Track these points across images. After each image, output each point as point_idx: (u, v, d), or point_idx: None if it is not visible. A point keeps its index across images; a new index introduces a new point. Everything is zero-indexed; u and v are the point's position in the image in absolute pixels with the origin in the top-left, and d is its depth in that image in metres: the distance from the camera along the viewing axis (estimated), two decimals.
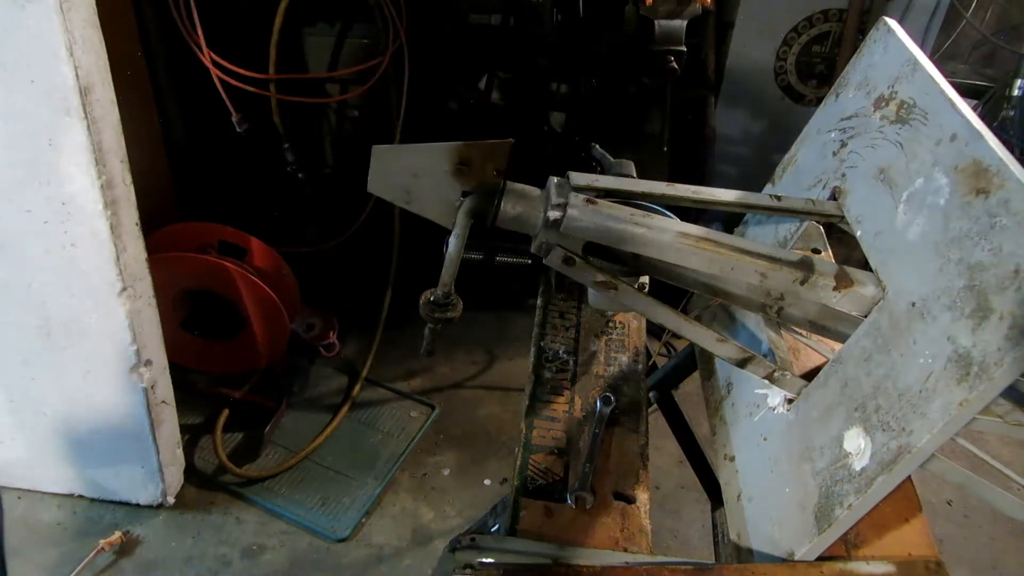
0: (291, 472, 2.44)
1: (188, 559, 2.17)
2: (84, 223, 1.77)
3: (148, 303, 1.97)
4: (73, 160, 1.69)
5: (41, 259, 1.83)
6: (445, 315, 0.93)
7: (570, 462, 1.13)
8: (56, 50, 1.57)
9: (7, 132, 1.67)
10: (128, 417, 2.07)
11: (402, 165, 0.89)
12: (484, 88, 2.80)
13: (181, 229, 2.51)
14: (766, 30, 2.71)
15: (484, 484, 2.48)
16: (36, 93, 1.61)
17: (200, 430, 2.52)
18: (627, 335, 1.38)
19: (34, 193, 1.73)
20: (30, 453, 2.20)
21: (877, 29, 1.13)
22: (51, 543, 2.17)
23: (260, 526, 2.28)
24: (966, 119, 0.89)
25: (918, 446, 0.81)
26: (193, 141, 2.67)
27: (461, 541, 0.99)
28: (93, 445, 2.15)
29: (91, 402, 2.05)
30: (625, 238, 0.93)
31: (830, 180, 1.12)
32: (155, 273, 1.98)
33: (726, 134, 2.92)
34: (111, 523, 2.23)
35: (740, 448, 1.14)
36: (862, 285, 0.96)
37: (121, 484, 2.23)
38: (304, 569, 2.18)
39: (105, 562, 2.12)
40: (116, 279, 1.84)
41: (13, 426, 2.14)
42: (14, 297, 1.89)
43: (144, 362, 1.99)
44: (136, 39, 2.36)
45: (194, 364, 2.63)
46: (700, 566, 0.95)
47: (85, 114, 1.64)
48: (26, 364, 2.01)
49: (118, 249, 1.81)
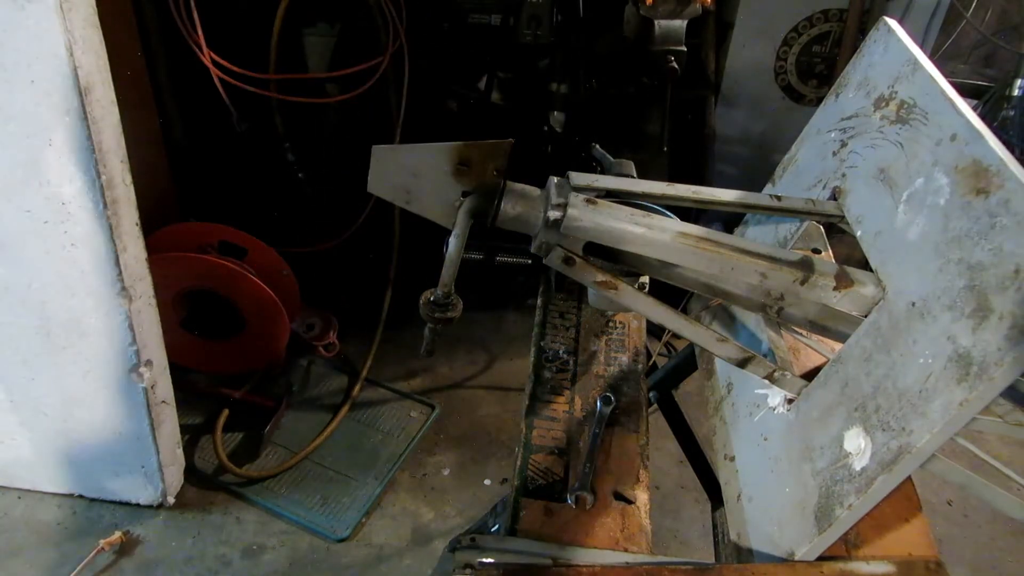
0: (291, 472, 2.44)
1: (188, 559, 2.17)
2: (84, 223, 1.77)
3: (148, 303, 1.97)
4: (73, 160, 1.69)
5: (41, 259, 1.83)
6: (445, 315, 0.92)
7: (570, 462, 1.13)
8: (56, 50, 1.57)
9: (7, 132, 1.67)
10: (128, 417, 2.07)
11: (402, 165, 0.89)
12: (484, 88, 2.80)
13: (181, 229, 2.51)
14: (766, 30, 2.71)
15: (484, 484, 2.48)
16: (36, 93, 1.61)
17: (200, 430, 2.52)
18: (627, 335, 1.38)
19: (34, 193, 1.73)
20: (30, 453, 2.20)
21: (877, 29, 1.13)
22: (51, 543, 2.17)
23: (260, 526, 2.28)
24: (966, 119, 0.89)
25: (918, 446, 0.82)
26: (193, 141, 2.67)
27: (461, 541, 0.99)
28: (93, 445, 2.15)
29: (91, 402, 2.05)
30: (625, 238, 0.93)
31: (830, 180, 1.12)
32: (155, 273, 1.98)
33: (726, 134, 2.92)
34: (111, 523, 2.23)
35: (740, 448, 1.14)
36: (862, 285, 0.96)
37: (121, 484, 2.23)
38: (304, 569, 2.19)
39: (105, 562, 2.12)
40: (116, 279, 1.84)
41: (13, 426, 2.14)
42: (14, 297, 1.89)
43: (144, 362, 1.99)
44: (136, 39, 2.36)
45: (194, 364, 2.63)
46: (700, 566, 0.95)
47: (85, 114, 1.64)
48: (26, 364, 2.01)
49: (118, 249, 1.81)
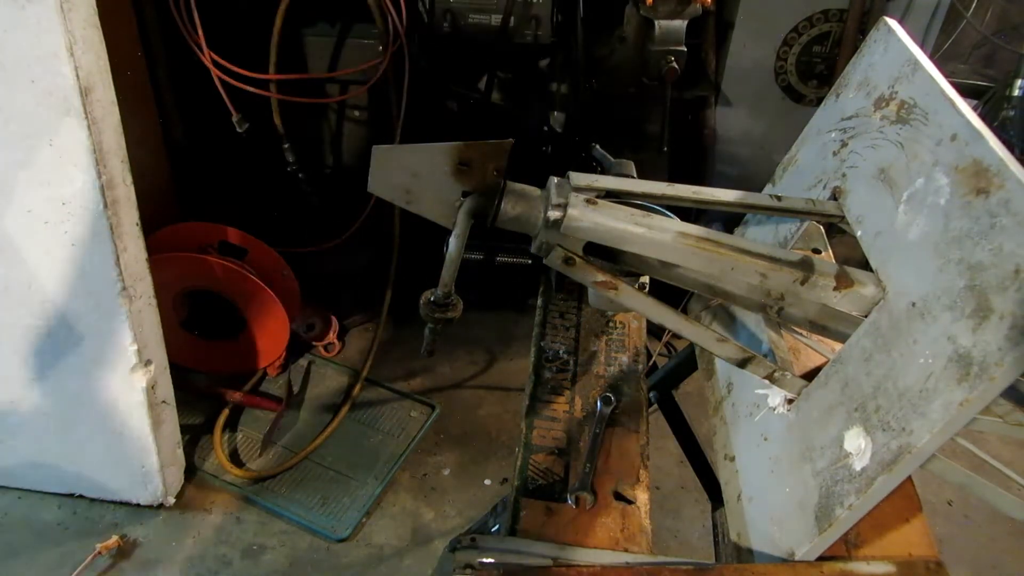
0: (291, 472, 2.44)
1: (188, 559, 2.17)
2: (84, 223, 1.77)
3: (148, 303, 1.97)
4: (73, 160, 1.69)
5: (41, 259, 1.83)
6: (445, 315, 0.92)
7: (570, 462, 1.13)
8: (56, 50, 1.57)
9: (7, 132, 1.67)
10: (128, 417, 2.07)
11: (402, 165, 0.89)
12: (484, 88, 2.79)
13: (181, 229, 2.51)
14: (766, 30, 2.71)
15: (484, 484, 2.48)
16: (36, 93, 1.61)
17: (200, 430, 2.52)
18: (627, 335, 1.38)
19: (34, 193, 1.73)
20: (30, 453, 2.20)
21: (877, 29, 1.13)
22: (51, 543, 2.17)
23: (260, 526, 2.28)
24: (966, 119, 0.89)
25: (918, 446, 0.82)
26: (193, 141, 2.67)
27: (461, 541, 0.99)
28: (93, 445, 2.15)
29: (91, 402, 2.05)
30: (625, 238, 0.93)
31: (830, 180, 1.12)
32: (155, 273, 1.98)
33: (726, 134, 2.92)
34: (111, 523, 2.23)
35: (740, 448, 1.13)
36: (862, 285, 0.96)
37: (121, 484, 2.23)
38: (304, 569, 2.19)
39: (105, 562, 2.12)
40: (116, 279, 1.84)
41: (13, 426, 2.14)
42: (14, 297, 1.89)
43: (144, 362, 1.99)
44: (136, 39, 2.36)
45: (194, 364, 2.63)
46: (700, 566, 0.95)
47: (85, 114, 1.64)
48: (26, 364, 2.01)
49: (118, 249, 1.81)
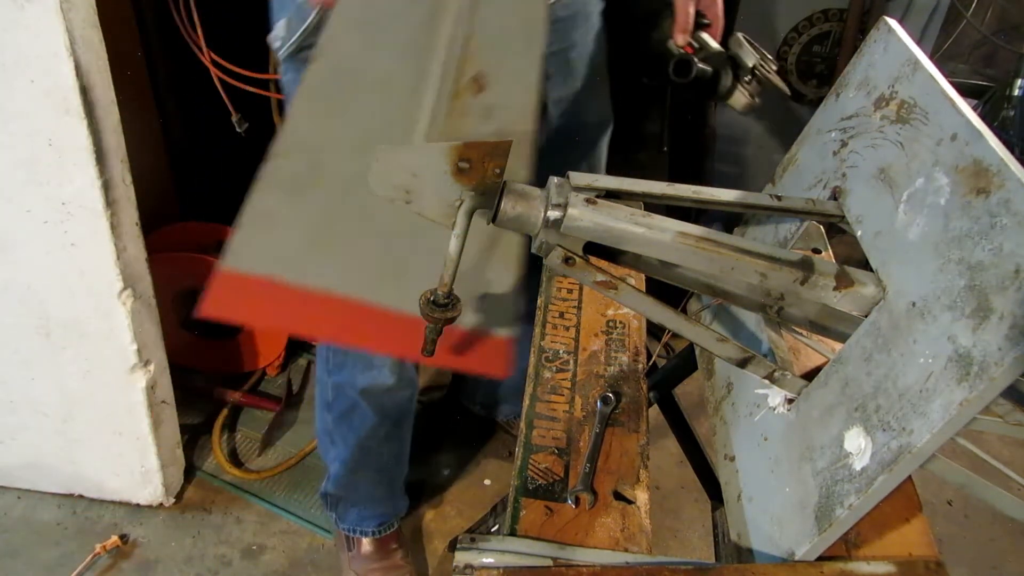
0: (291, 472, 2.44)
1: (188, 559, 2.17)
2: (84, 223, 1.77)
3: (148, 303, 1.97)
4: (73, 160, 1.69)
5: (41, 259, 1.83)
6: (445, 315, 0.92)
7: (570, 462, 1.13)
8: (56, 50, 1.57)
9: (7, 132, 1.67)
10: (128, 417, 2.07)
11: (402, 165, 0.89)
12: None
13: (181, 229, 2.51)
14: (766, 30, 2.71)
15: (484, 484, 2.48)
16: (36, 93, 1.61)
17: (200, 430, 2.52)
18: (627, 335, 1.38)
19: (34, 193, 1.73)
20: (30, 453, 2.20)
21: (877, 29, 1.12)
22: (51, 543, 2.17)
23: (260, 526, 2.28)
24: (966, 119, 0.89)
25: (918, 446, 0.81)
26: (193, 141, 2.67)
27: (461, 541, 0.98)
28: (93, 445, 2.15)
29: (91, 402, 2.05)
30: (625, 238, 0.93)
31: (830, 180, 1.12)
32: (155, 273, 1.98)
33: (726, 134, 2.92)
34: (111, 523, 2.23)
35: (740, 448, 1.13)
36: (862, 285, 0.95)
37: (121, 484, 2.23)
38: (304, 569, 2.18)
39: (105, 562, 2.12)
40: (116, 279, 1.84)
41: (13, 426, 2.14)
42: (14, 297, 1.89)
43: (143, 362, 1.99)
44: (136, 39, 2.36)
45: (194, 364, 2.63)
46: (700, 566, 0.95)
47: (85, 114, 1.64)
48: (26, 364, 2.01)
49: (118, 249, 1.81)
